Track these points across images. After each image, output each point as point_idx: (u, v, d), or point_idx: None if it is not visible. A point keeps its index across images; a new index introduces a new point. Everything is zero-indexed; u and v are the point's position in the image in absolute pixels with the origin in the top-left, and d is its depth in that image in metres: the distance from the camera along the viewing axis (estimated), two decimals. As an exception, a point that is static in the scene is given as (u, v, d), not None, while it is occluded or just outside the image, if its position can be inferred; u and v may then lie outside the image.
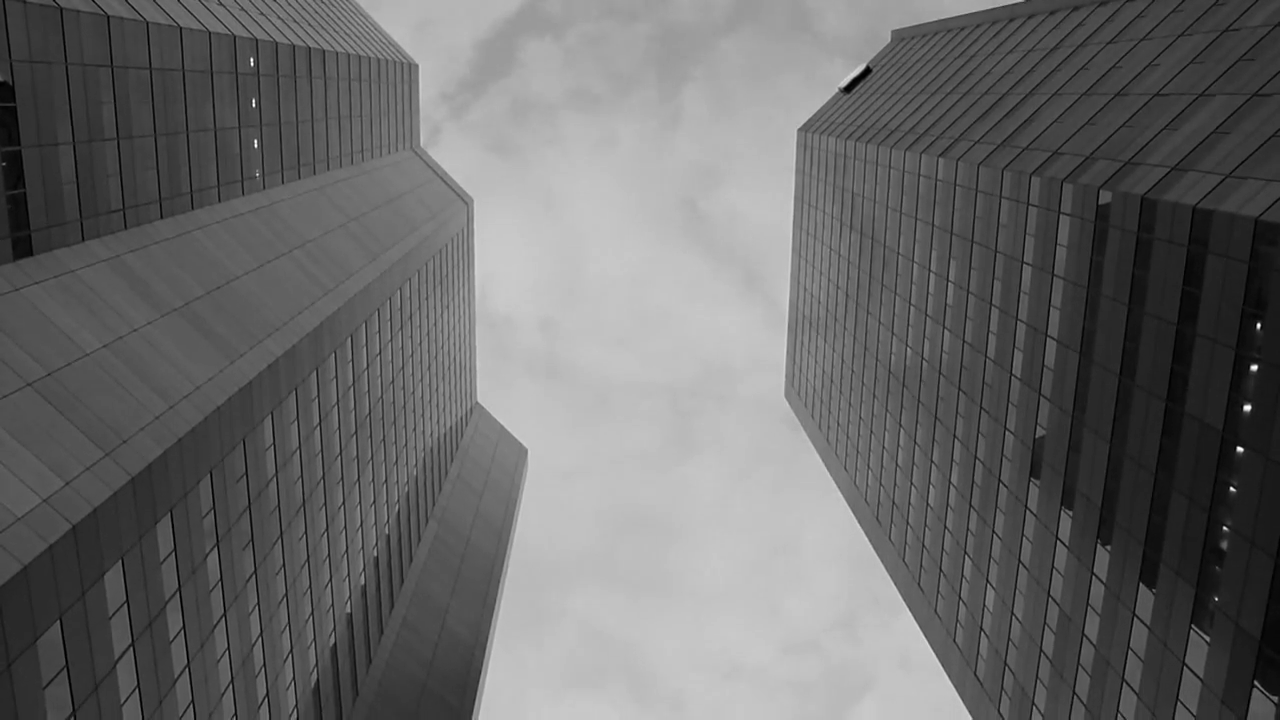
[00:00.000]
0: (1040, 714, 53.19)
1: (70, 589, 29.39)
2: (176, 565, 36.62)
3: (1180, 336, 39.08)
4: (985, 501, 60.21)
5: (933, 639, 71.40)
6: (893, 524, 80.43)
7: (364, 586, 67.41)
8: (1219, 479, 36.66)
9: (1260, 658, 34.58)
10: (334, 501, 58.67)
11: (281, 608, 49.33)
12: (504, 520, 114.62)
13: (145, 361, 38.97)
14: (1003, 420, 57.24)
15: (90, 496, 30.70)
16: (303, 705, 53.56)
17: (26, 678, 27.33)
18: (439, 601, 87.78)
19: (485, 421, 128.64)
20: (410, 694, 74.17)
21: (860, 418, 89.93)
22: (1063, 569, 50.03)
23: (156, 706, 35.20)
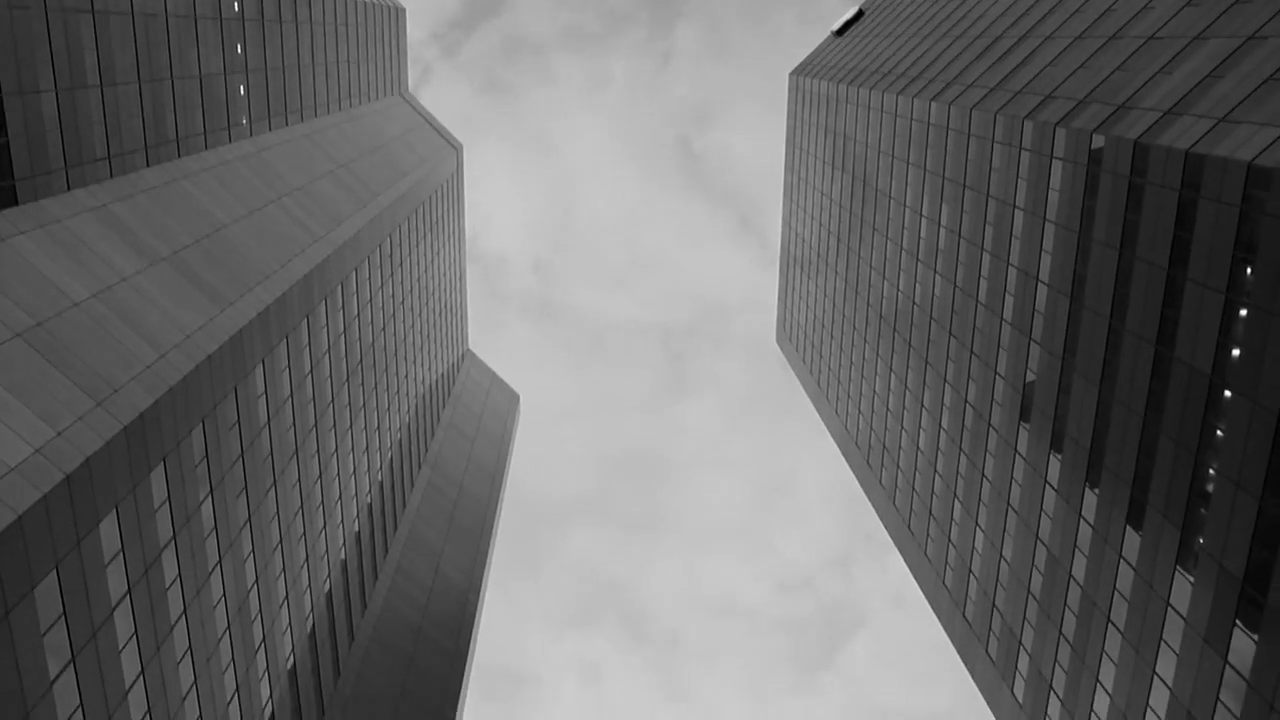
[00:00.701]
0: (1027, 654, 54.02)
1: (66, 538, 29.54)
2: (171, 513, 36.80)
3: (1171, 281, 39.16)
4: (975, 445, 60.63)
5: (922, 581, 72.24)
6: (883, 468, 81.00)
7: (358, 532, 67.85)
8: (1206, 423, 36.95)
9: (1242, 597, 35.09)
10: (326, 448, 58.85)
11: (276, 554, 49.67)
12: (496, 465, 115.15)
13: (135, 311, 38.85)
14: (993, 364, 57.47)
15: (83, 446, 30.74)
16: (299, 650, 54.13)
17: (25, 625, 27.57)
18: (433, 546, 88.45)
19: (477, 368, 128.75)
20: (405, 638, 74.98)
21: (851, 362, 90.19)
22: (1051, 512, 50.53)
23: (154, 653, 35.56)
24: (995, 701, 59.02)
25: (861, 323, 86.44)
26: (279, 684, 50.52)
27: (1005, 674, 57.07)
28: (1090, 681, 47.07)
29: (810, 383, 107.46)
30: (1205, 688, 37.88)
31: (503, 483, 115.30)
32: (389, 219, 76.60)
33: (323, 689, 59.70)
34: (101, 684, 31.85)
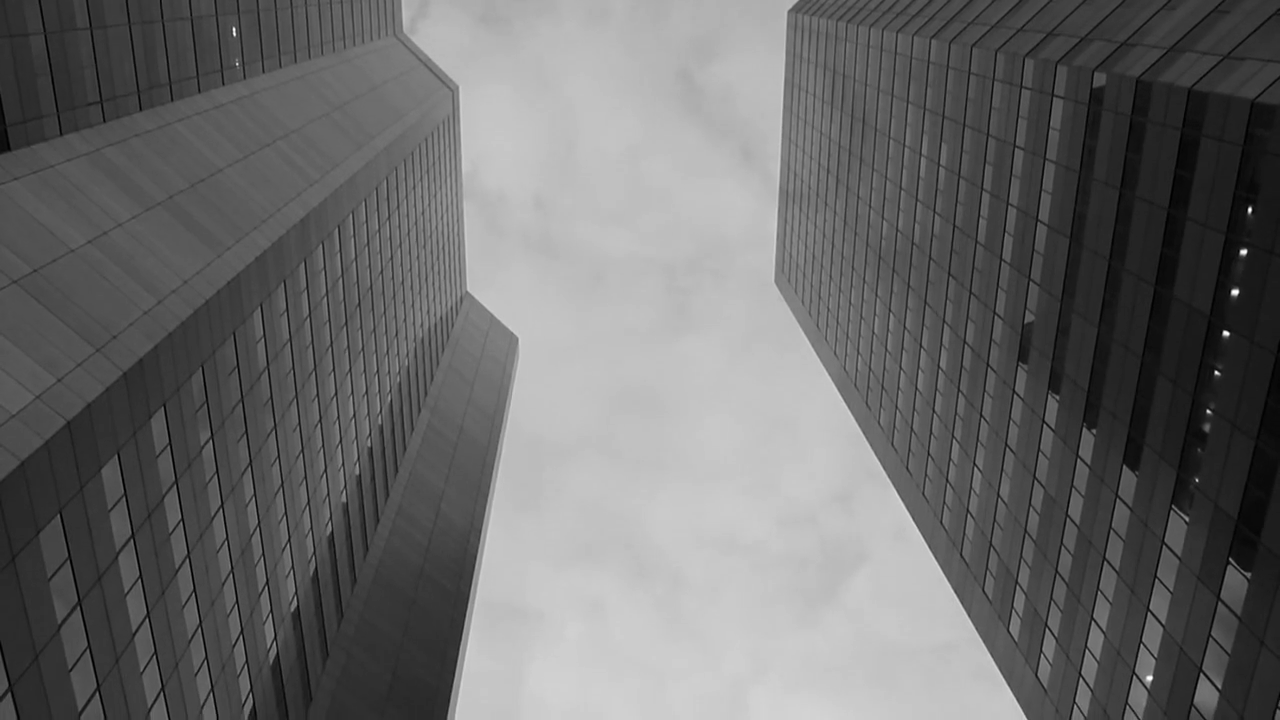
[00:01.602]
0: (1023, 593, 54.61)
1: (68, 483, 29.71)
2: (173, 458, 36.97)
3: (1171, 221, 39.00)
4: (973, 386, 60.79)
5: (920, 521, 72.81)
6: (881, 408, 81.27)
7: (359, 476, 68.24)
8: (1204, 363, 37.02)
9: (1236, 536, 35.41)
10: (326, 392, 58.98)
11: (278, 498, 49.99)
12: (496, 408, 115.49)
13: (131, 256, 38.71)
14: (991, 305, 57.42)
15: (83, 392, 30.80)
16: (302, 593, 54.70)
17: (30, 570, 27.82)
18: (434, 489, 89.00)
19: (476, 311, 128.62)
20: (407, 580, 75.73)
21: (850, 303, 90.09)
22: (1048, 452, 50.80)
23: (159, 596, 35.93)
24: (991, 639, 59.80)
25: (860, 263, 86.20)
26: (283, 626, 51.12)
27: (1001, 612, 57.76)
28: (1085, 619, 47.65)
29: (809, 324, 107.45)
30: (1198, 624, 38.35)
31: (502, 425, 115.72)
32: (385, 162, 76.07)
33: (326, 630, 60.43)
34: (108, 627, 32.22)
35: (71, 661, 30.13)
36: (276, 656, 50.07)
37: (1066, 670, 49.90)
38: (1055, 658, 51.09)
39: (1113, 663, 45.28)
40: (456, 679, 73.69)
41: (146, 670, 34.99)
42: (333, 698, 59.46)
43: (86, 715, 30.97)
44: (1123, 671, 44.45)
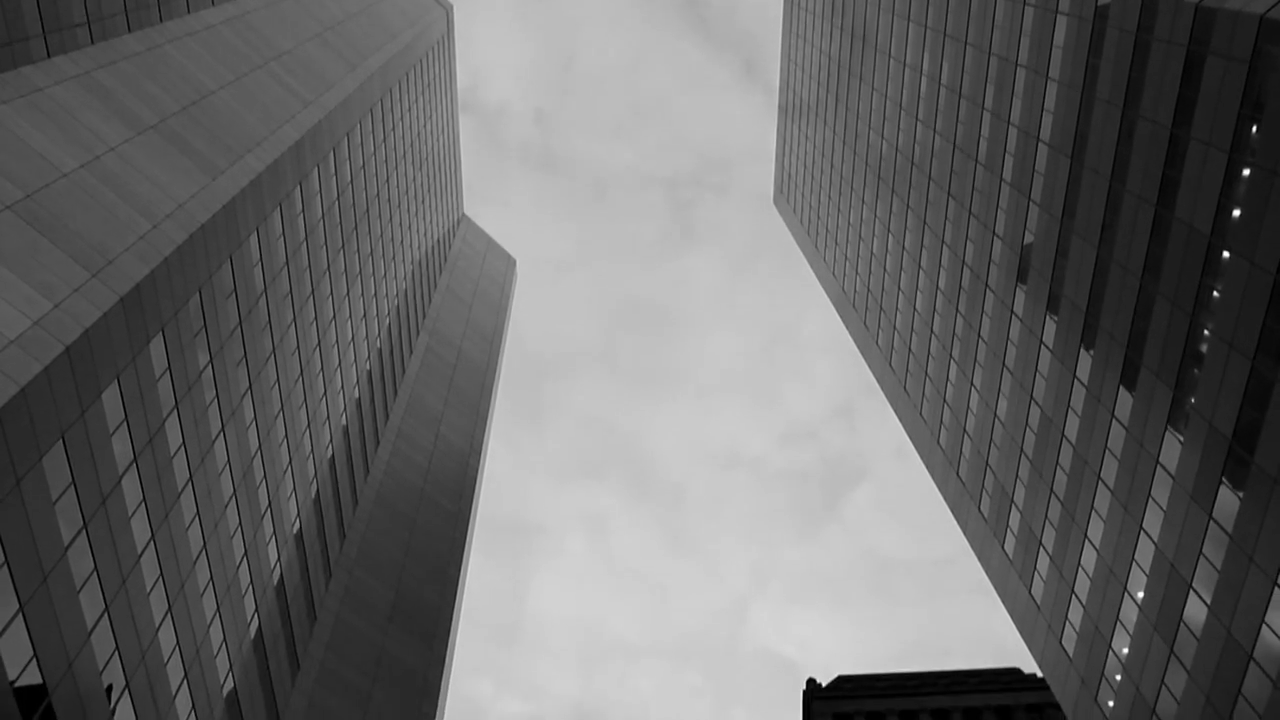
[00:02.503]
0: (1018, 511, 55.22)
1: (69, 408, 29.83)
2: (172, 383, 37.07)
3: (1174, 140, 38.64)
4: (971, 306, 60.77)
5: (917, 440, 73.33)
6: (880, 329, 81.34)
7: (358, 399, 68.51)
8: (1203, 283, 36.97)
9: (1230, 456, 35.71)
10: (324, 316, 58.94)
11: (278, 421, 50.24)
12: (494, 330, 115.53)
13: (125, 181, 38.38)
14: (991, 225, 57.15)
15: (81, 318, 30.77)
16: (305, 515, 55.26)
17: (36, 494, 28.07)
18: (433, 411, 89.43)
19: (473, 233, 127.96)
20: (408, 501, 76.47)
21: (849, 223, 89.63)
22: (1045, 372, 50.98)
23: (163, 519, 36.30)
24: (986, 557, 60.62)
25: (859, 183, 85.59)
26: (286, 547, 51.75)
27: (997, 530, 58.47)
28: (1079, 537, 48.26)
29: (807, 244, 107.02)
30: (1189, 543, 38.86)
31: (501, 347, 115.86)
32: (379, 83, 75.02)
33: (329, 552, 61.20)
34: (114, 549, 32.61)
35: (79, 583, 30.55)
36: (280, 577, 50.77)
37: (1059, 587, 50.68)
38: (1049, 575, 51.85)
39: (1105, 580, 45.97)
40: (458, 597, 74.83)
41: (153, 591, 35.50)
42: (336, 617, 60.43)
43: (96, 635, 31.50)
44: (1114, 588, 45.15)
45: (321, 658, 56.86)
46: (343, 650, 59.03)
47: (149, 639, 35.21)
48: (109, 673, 32.43)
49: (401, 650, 63.94)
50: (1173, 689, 40.89)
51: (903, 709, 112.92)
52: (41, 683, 28.55)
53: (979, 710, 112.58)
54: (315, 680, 55.25)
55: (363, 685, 58.57)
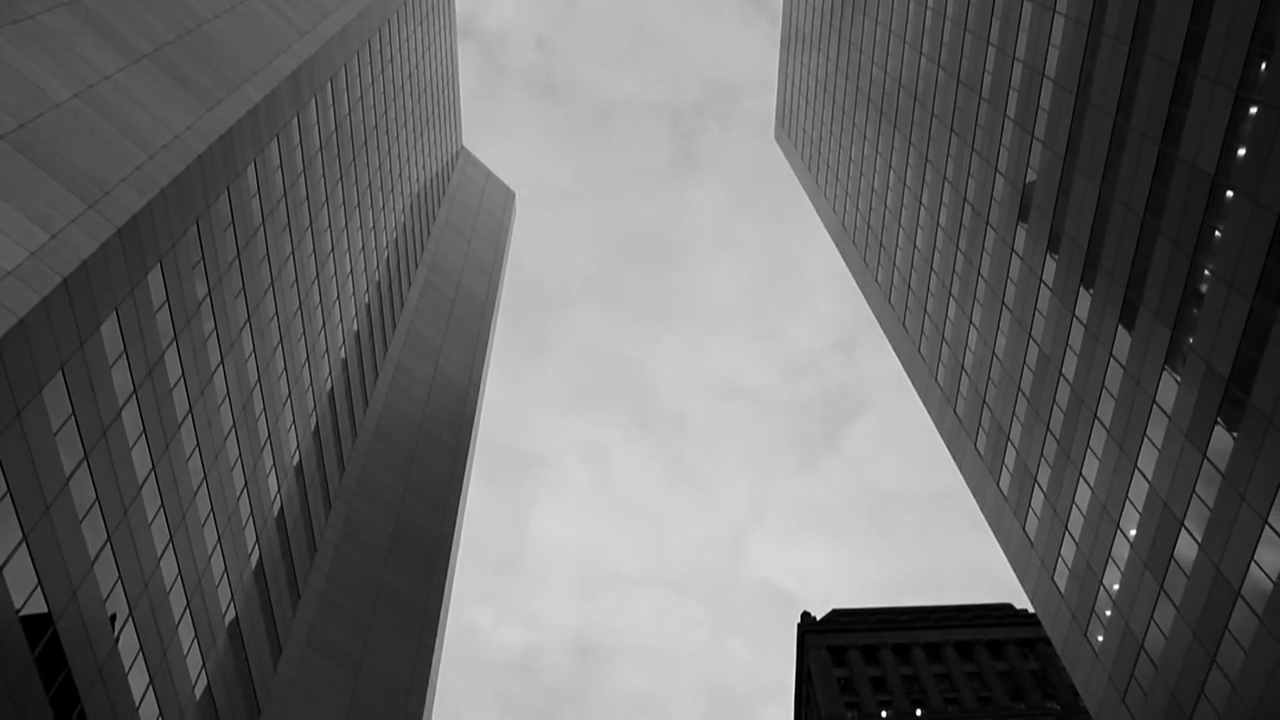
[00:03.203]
0: (1014, 449, 55.55)
1: (68, 341, 29.85)
2: (171, 315, 37.04)
3: (1181, 78, 38.21)
4: (971, 243, 60.56)
5: (915, 377, 73.52)
6: (879, 265, 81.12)
7: (357, 332, 68.51)
8: (1205, 223, 36.81)
9: (1226, 396, 35.84)
10: (323, 249, 58.72)
11: (277, 354, 50.30)
12: (493, 263, 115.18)
13: (120, 111, 37.98)
14: (993, 162, 56.73)
15: (78, 249, 30.66)
16: (304, 447, 55.55)
17: (36, 425, 28.19)
18: (432, 344, 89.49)
19: (472, 166, 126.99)
20: (407, 434, 76.83)
21: (850, 158, 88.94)
22: (1045, 311, 50.96)
23: (164, 450, 36.50)
24: (981, 493, 61.11)
25: (861, 118, 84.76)
26: (286, 479, 52.11)
27: (992, 468, 58.87)
28: (1073, 475, 48.61)
29: (808, 179, 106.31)
30: (1183, 481, 39.16)
31: (500, 280, 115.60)
32: (377, 12, 73.92)
33: (328, 483, 61.63)
34: (115, 480, 32.84)
35: (82, 513, 30.81)
36: (280, 509, 51.19)
37: (1053, 524, 51.17)
38: (1043, 512, 52.32)
39: (1098, 517, 46.40)
40: (456, 528, 75.54)
41: (155, 521, 35.82)
42: (336, 548, 61.05)
43: (99, 564, 31.85)
44: (1107, 526, 45.59)
45: (322, 588, 57.56)
46: (343, 581, 59.74)
47: (151, 568, 35.61)
48: (113, 601, 32.84)
49: (401, 580, 64.70)
50: (1161, 625, 41.49)
51: (896, 643, 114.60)
52: (47, 611, 28.93)
53: (971, 645, 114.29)
54: (316, 610, 55.97)
55: (363, 615, 59.36)
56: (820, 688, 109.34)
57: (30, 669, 28.18)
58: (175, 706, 37.72)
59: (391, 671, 58.14)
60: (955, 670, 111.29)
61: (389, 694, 56.65)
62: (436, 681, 63.73)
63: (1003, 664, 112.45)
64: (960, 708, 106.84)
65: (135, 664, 34.52)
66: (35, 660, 28.40)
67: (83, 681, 30.95)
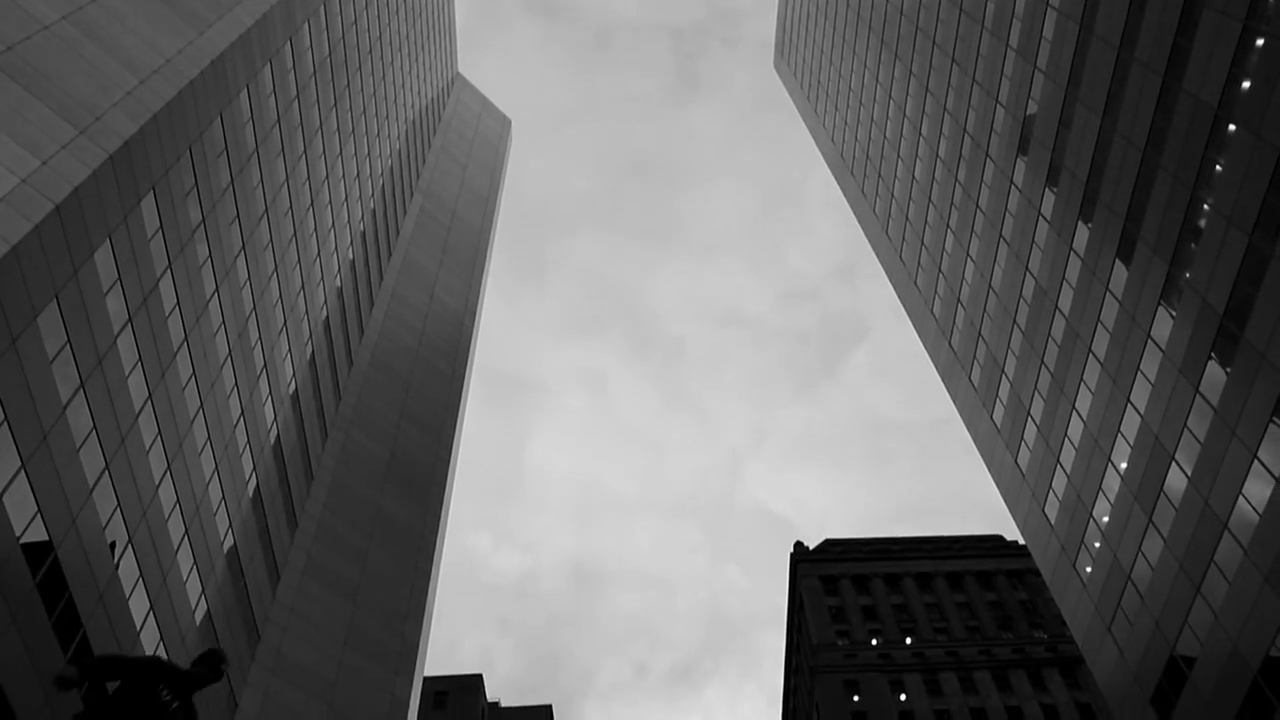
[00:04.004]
0: (1008, 382, 55.76)
1: (62, 268, 29.71)
2: (165, 243, 36.85)
3: (1187, 8, 37.68)
4: (970, 175, 60.17)
5: (911, 309, 73.53)
6: (877, 196, 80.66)
7: (352, 260, 68.24)
8: (1206, 157, 36.57)
9: (1220, 332, 35.92)
10: (317, 176, 58.24)
11: (272, 282, 50.14)
12: (489, 191, 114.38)
13: (109, 33, 37.37)
14: (994, 93, 56.13)
15: (69, 176, 30.38)
16: (300, 376, 55.64)
17: (32, 354, 28.18)
18: (427, 273, 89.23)
19: (468, 93, 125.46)
20: (403, 363, 76.94)
21: (849, 88, 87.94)
22: (1042, 244, 50.82)
23: (160, 378, 36.54)
24: (974, 425, 61.47)
25: (861, 47, 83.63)
26: (282, 407, 52.26)
27: (986, 400, 59.14)
28: (1066, 408, 48.87)
29: (807, 109, 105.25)
30: (1175, 415, 39.40)
31: (496, 208, 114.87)
32: (369, -69, 72.44)
33: (324, 412, 61.84)
34: (112, 407, 32.92)
35: (79, 440, 30.94)
36: (277, 437, 51.42)
37: (1045, 457, 51.56)
38: (1035, 445, 52.69)
39: (1090, 450, 46.75)
40: (452, 457, 76.02)
41: (152, 450, 35.99)
42: (333, 476, 61.44)
43: (98, 492, 32.06)
44: (1099, 459, 45.96)
45: (319, 516, 58.05)
46: (340, 508, 60.24)
47: (149, 496, 35.86)
48: (112, 529, 33.13)
49: (397, 508, 65.25)
50: (1149, 556, 42.03)
51: (887, 573, 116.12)
52: (47, 539, 29.18)
53: (960, 575, 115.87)
54: (313, 538, 56.52)
55: (360, 542, 59.96)
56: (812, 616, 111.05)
57: (33, 595, 28.51)
58: (176, 631, 38.24)
59: (388, 598, 58.90)
60: (945, 600, 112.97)
61: (386, 620, 57.46)
62: (433, 608, 64.63)
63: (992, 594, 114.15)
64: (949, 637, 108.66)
65: (136, 590, 34.92)
66: (37, 586, 28.72)
67: (84, 607, 31.35)
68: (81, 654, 31.45)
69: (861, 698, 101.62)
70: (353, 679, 51.66)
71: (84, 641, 31.36)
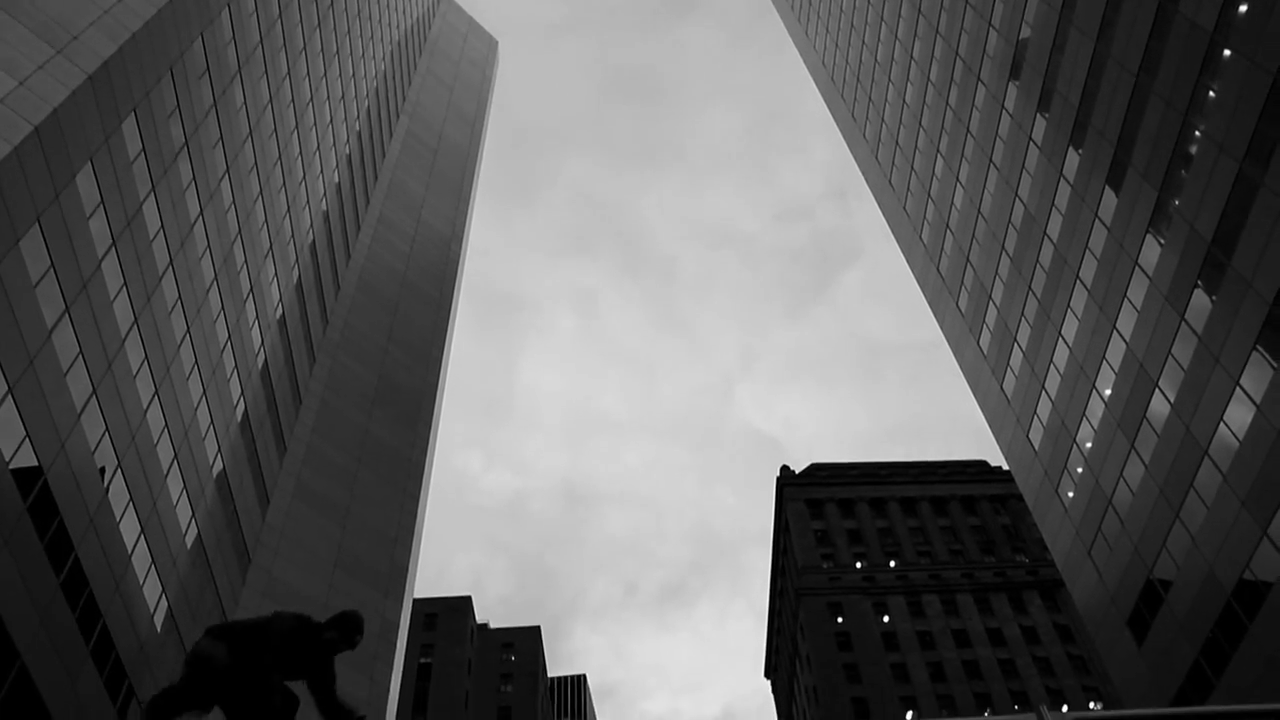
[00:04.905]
0: (995, 308, 55.88)
1: (43, 191, 29.37)
2: (148, 165, 36.40)
3: (1183, -71, 37.10)
4: (961, 100, 59.62)
5: (899, 234, 73.37)
6: (868, 120, 79.96)
7: (338, 184, 67.58)
8: (1200, 82, 36.28)
9: (1207, 260, 35.98)
10: (301, 98, 57.39)
11: (257, 205, 49.69)
12: (476, 113, 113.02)
13: (86, -52, 36.45)
14: (987, 16, 55.39)
15: (48, 96, 29.89)
16: (287, 299, 55.41)
17: (15, 278, 27.98)
18: (414, 196, 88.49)
19: (453, 13, 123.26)
20: (390, 287, 76.65)
21: (840, 9, 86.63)
22: (1032, 170, 50.58)
23: (145, 303, 36.36)
24: (961, 351, 61.76)
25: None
26: (269, 332, 52.13)
27: (973, 326, 59.33)
28: (1053, 335, 49.07)
29: (798, 31, 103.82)
30: (1159, 343, 39.63)
31: (483, 132, 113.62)
32: None
33: (312, 336, 61.72)
34: (98, 332, 32.80)
35: (66, 365, 30.87)
36: (265, 362, 51.37)
37: (1030, 383, 51.91)
38: (1021, 371, 53.01)
39: (1075, 377, 47.06)
40: (440, 381, 76.15)
41: (139, 374, 35.94)
42: (321, 400, 61.54)
43: (86, 416, 32.08)
44: (1083, 385, 46.28)
45: (308, 440, 58.26)
46: (328, 433, 60.44)
47: (138, 421, 35.89)
48: (101, 453, 33.21)
49: (385, 432, 65.50)
50: (1130, 482, 42.58)
51: (872, 497, 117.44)
52: (37, 464, 29.26)
53: (945, 500, 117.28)
54: (302, 462, 56.79)
55: (349, 466, 60.28)
56: (797, 539, 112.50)
57: (24, 518, 28.66)
58: (167, 554, 38.57)
59: (378, 521, 59.40)
60: (929, 524, 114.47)
61: (375, 543, 58.02)
62: (422, 531, 65.27)
63: (975, 519, 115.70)
64: (932, 560, 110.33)
65: (126, 514, 35.13)
66: (28, 510, 28.87)
67: (75, 531, 31.55)
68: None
69: (845, 619, 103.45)
70: (343, 601, 52.31)
71: (76, 564, 31.62)
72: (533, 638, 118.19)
